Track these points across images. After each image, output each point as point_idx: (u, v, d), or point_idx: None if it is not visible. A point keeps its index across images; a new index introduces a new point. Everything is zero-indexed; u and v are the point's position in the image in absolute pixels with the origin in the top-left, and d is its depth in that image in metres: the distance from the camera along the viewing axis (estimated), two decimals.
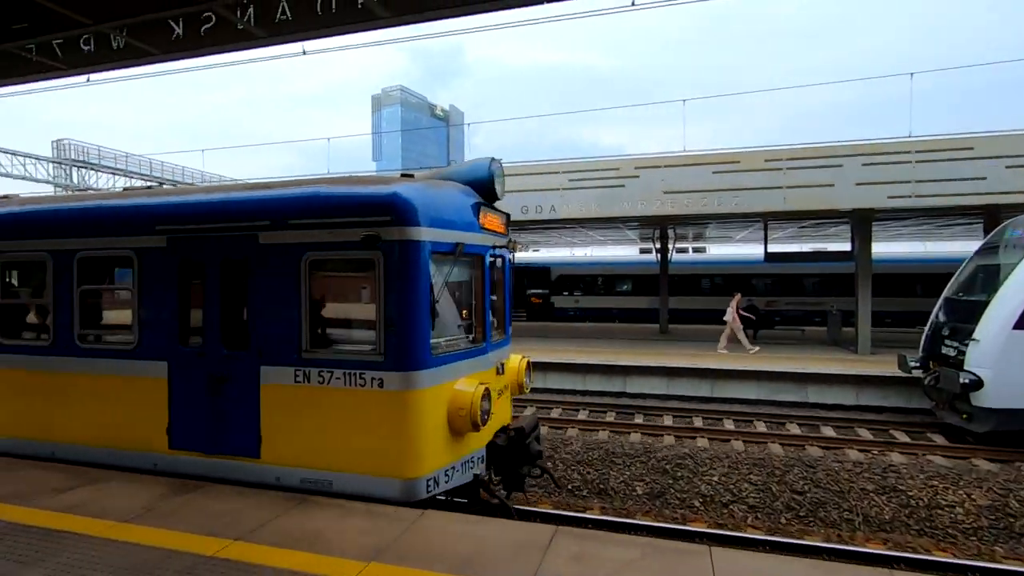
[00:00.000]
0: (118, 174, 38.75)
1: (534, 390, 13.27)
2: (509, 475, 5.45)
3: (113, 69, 4.78)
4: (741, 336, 14.61)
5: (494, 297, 5.68)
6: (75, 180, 35.61)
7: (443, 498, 4.89)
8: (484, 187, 5.40)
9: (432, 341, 4.47)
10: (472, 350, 5.07)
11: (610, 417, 11.15)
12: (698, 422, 10.73)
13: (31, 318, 6.09)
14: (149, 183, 37.74)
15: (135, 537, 3.68)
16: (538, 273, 25.28)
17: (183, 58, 4.53)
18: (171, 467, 4.99)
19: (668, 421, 10.84)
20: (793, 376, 11.96)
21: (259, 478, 4.69)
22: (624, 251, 26.28)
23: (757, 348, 14.60)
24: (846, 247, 14.66)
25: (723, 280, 23.61)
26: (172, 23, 4.09)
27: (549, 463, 7.88)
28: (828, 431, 10.18)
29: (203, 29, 4.07)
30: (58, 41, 4.58)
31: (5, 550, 3.52)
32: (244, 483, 4.70)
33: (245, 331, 4.84)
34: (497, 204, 5.83)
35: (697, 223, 17.27)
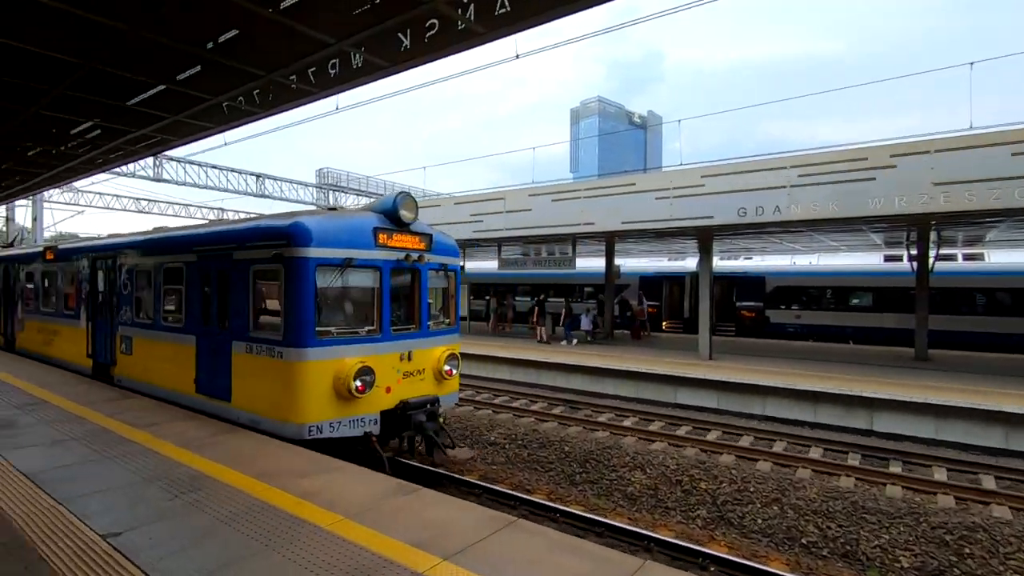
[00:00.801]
0: (361, 194, 45.67)
1: (750, 416, 11.81)
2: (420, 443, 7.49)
3: (354, 87, 5.15)
4: None
5: (428, 300, 7.61)
6: (331, 200, 42.80)
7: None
8: (392, 215, 6.97)
9: (320, 328, 6.20)
10: (367, 338, 6.69)
11: (854, 460, 9.15)
12: (989, 482, 8.18)
13: (146, 306, 8.74)
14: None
15: (356, 536, 3.75)
16: (749, 284, 22.69)
17: (410, 67, 4.67)
18: (196, 405, 7.39)
19: (941, 476, 8.48)
20: None
21: (230, 416, 6.86)
22: (859, 259, 22.15)
23: None
24: None
25: (1011, 297, 18.34)
26: (400, 35, 4.17)
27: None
28: None
29: (427, 36, 4.05)
30: (312, 69, 5.05)
31: (255, 529, 3.85)
32: (223, 419, 6.85)
33: (226, 317, 7.02)
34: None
35: (977, 223, 13.57)
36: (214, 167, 35.97)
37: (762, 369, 13.21)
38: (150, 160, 32.67)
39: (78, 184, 35.45)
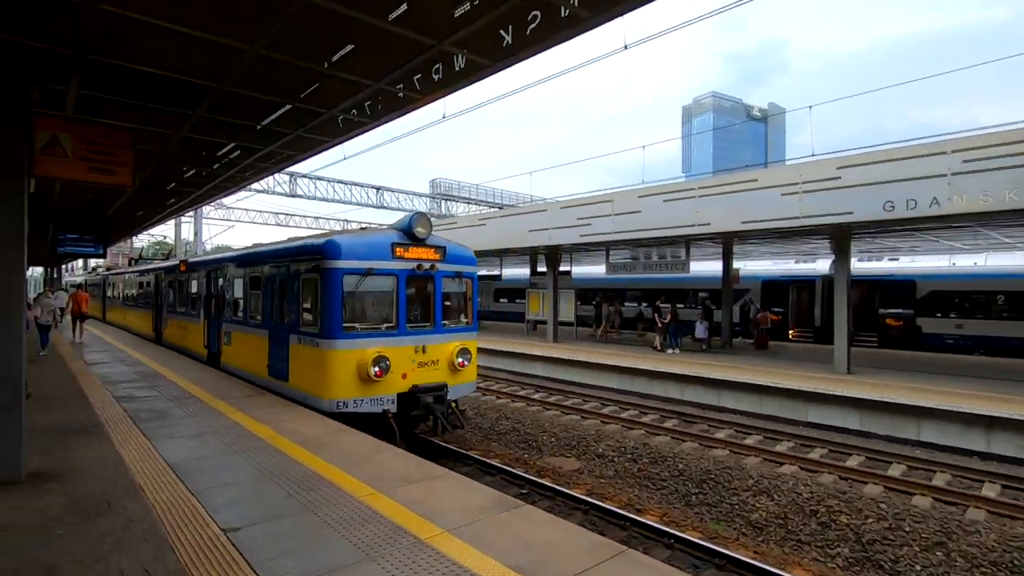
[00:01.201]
0: (471, 202, 47.09)
1: (901, 441, 10.17)
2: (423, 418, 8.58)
3: (457, 89, 5.08)
4: None
5: (447, 302, 9.06)
6: (443, 209, 44.55)
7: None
8: (408, 232, 8.37)
9: (346, 324, 7.73)
10: (385, 332, 8.08)
11: None
12: None
13: (239, 307, 10.87)
14: (491, 207, 44.55)
15: (454, 553, 3.59)
16: (896, 288, 19.91)
17: (513, 62, 4.50)
18: (268, 385, 9.23)
19: None
20: None
21: (287, 393, 8.59)
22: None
23: None
24: None
25: None
26: (502, 31, 3.99)
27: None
28: None
29: (529, 28, 3.84)
30: (417, 76, 5.05)
31: (359, 536, 3.84)
32: (283, 395, 8.59)
33: (285, 315, 8.82)
34: None
35: None
36: (340, 182, 38.96)
37: (915, 386, 11.44)
38: (286, 177, 36.18)
39: (227, 201, 40.11)
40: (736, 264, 20.03)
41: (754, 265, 24.24)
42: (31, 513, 4.17)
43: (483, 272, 31.96)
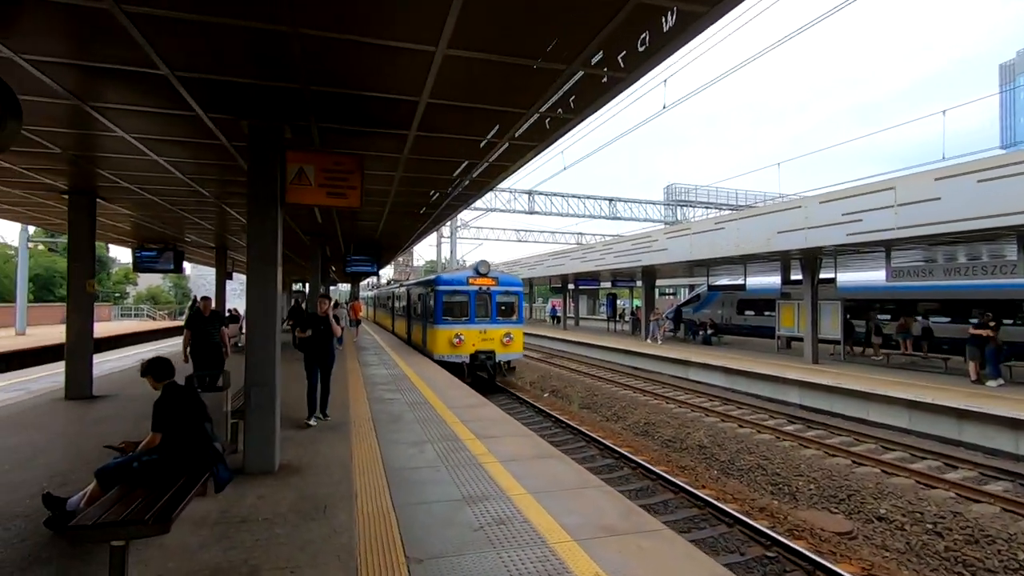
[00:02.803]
0: (710, 206, 43.71)
1: None
2: (482, 370, 16.05)
3: (665, 56, 4.21)
4: None
5: (501, 307, 16.65)
6: (678, 215, 42.27)
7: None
8: (476, 270, 16.61)
9: (443, 317, 15.89)
10: (461, 321, 15.93)
11: None
12: None
13: (415, 310, 19.89)
14: (731, 208, 40.66)
15: None
16: None
17: (733, 5, 3.40)
18: (419, 349, 18.14)
19: None
20: None
21: (424, 351, 17.07)
22: None
23: None
24: None
25: None
26: None
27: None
28: None
29: None
30: (622, 54, 4.30)
31: None
32: (423, 353, 16.83)
33: (423, 313, 17.63)
34: None
35: None
36: (574, 196, 40.04)
37: None
38: (525, 196, 38.61)
39: (474, 222, 44.45)
40: None
41: None
42: (268, 506, 4.58)
43: (724, 281, 28.99)
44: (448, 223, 38.62)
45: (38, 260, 47.99)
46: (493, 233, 45.49)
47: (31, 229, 26.00)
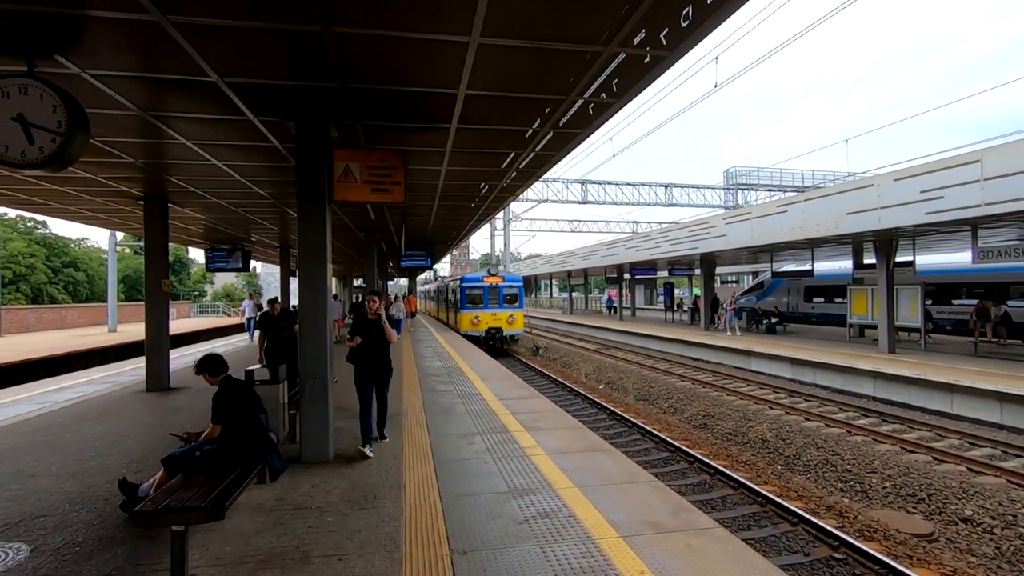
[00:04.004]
0: (773, 189, 41.64)
1: None
2: (493, 341, 23.75)
3: (710, 29, 3.99)
4: None
5: (507, 296, 24.39)
6: (738, 199, 40.55)
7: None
8: (488, 271, 25.14)
9: (467, 304, 23.90)
10: (479, 307, 23.82)
11: None
12: None
13: (451, 300, 28.02)
14: (796, 190, 38.60)
15: None
16: None
17: None
18: (454, 327, 25.94)
19: None
20: None
21: (457, 330, 24.46)
22: None
23: None
24: None
25: None
26: None
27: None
28: None
29: None
30: (664, 32, 4.13)
31: None
32: (455, 331, 24.53)
33: (454, 301, 26.17)
34: None
35: None
36: (628, 184, 39.19)
37: None
38: (577, 186, 38.14)
39: (525, 215, 44.35)
40: None
41: None
42: (320, 495, 4.74)
43: (789, 267, 27.58)
44: (500, 216, 38.74)
45: (127, 263, 52.09)
46: (546, 225, 45.17)
47: (118, 235, 28.13)
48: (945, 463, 8.68)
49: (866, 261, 18.68)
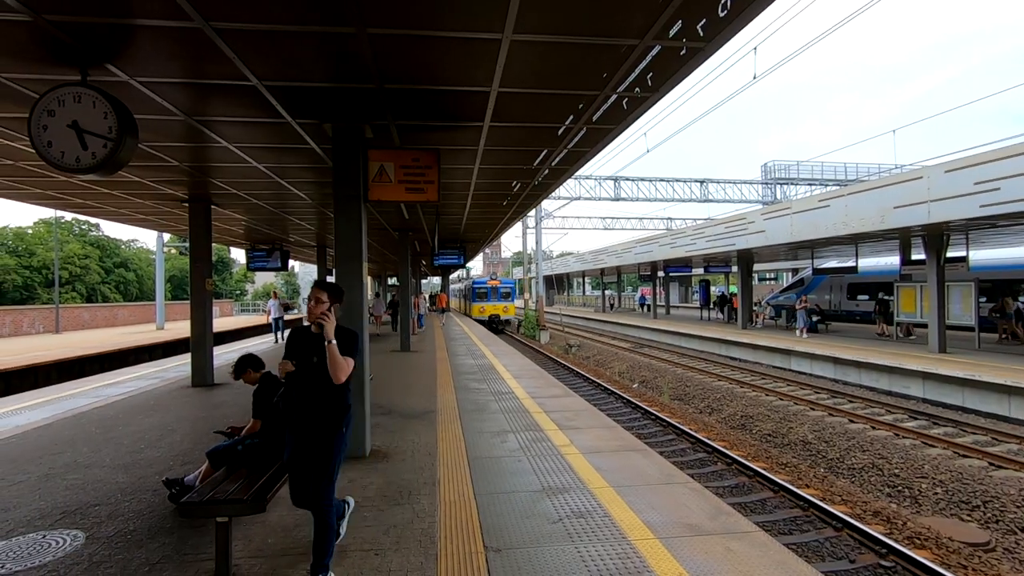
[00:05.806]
0: (814, 183, 40.31)
1: None
2: (494, 324, 35.10)
3: (751, 17, 3.85)
4: None
5: (503, 293, 36.64)
6: (777, 194, 39.43)
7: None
8: (491, 276, 45.50)
9: (476, 298, 36.60)
10: (485, 300, 36.17)
11: None
12: None
13: (467, 297, 40.95)
14: (839, 185, 37.30)
15: None
16: None
17: None
18: (470, 314, 37.52)
19: None
20: None
21: (469, 316, 37.44)
22: None
23: None
24: None
25: None
26: None
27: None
28: None
29: None
30: (701, 22, 4.05)
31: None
32: (469, 317, 36.80)
33: (469, 298, 38.84)
34: None
35: None
36: (662, 180, 38.54)
37: None
38: (610, 183, 37.73)
39: (557, 212, 43.96)
40: None
41: None
42: (357, 490, 4.82)
43: (832, 264, 26.66)
44: (532, 214, 38.71)
45: (173, 263, 54.12)
46: (578, 222, 45.03)
47: (165, 236, 29.27)
48: (1003, 469, 8.25)
49: (915, 257, 17.90)
